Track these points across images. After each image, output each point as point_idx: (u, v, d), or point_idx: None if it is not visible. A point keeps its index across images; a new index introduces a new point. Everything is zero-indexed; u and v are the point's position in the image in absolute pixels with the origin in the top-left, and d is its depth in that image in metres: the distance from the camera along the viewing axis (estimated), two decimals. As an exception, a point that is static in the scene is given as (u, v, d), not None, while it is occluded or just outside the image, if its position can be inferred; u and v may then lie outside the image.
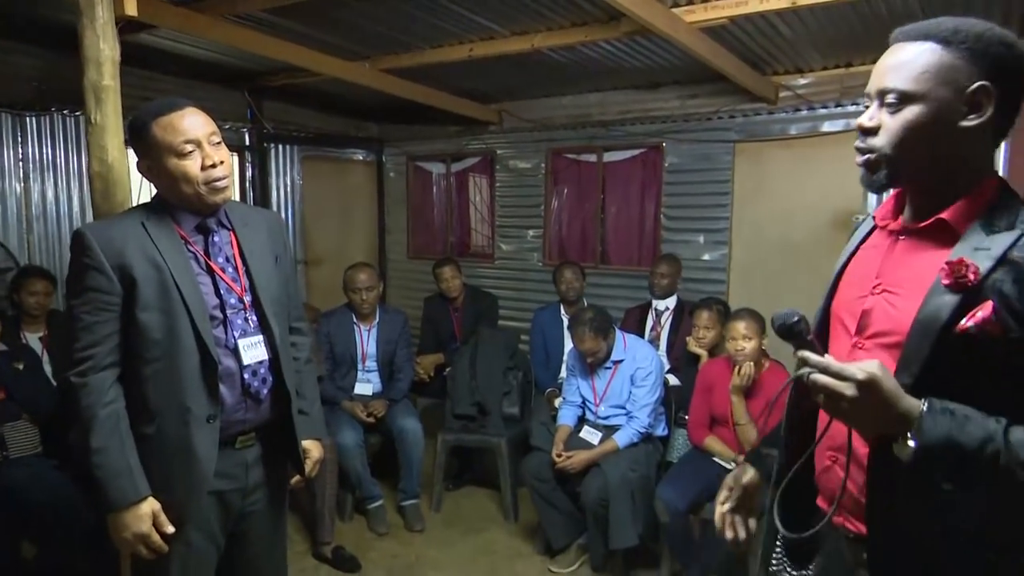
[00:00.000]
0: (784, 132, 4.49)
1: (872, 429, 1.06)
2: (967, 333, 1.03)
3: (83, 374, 1.61)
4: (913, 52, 1.09)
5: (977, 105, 1.07)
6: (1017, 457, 0.97)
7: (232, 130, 5.20)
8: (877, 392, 0.99)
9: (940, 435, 0.98)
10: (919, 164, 1.11)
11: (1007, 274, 1.03)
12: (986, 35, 1.07)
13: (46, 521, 2.62)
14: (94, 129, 2.01)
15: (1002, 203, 1.10)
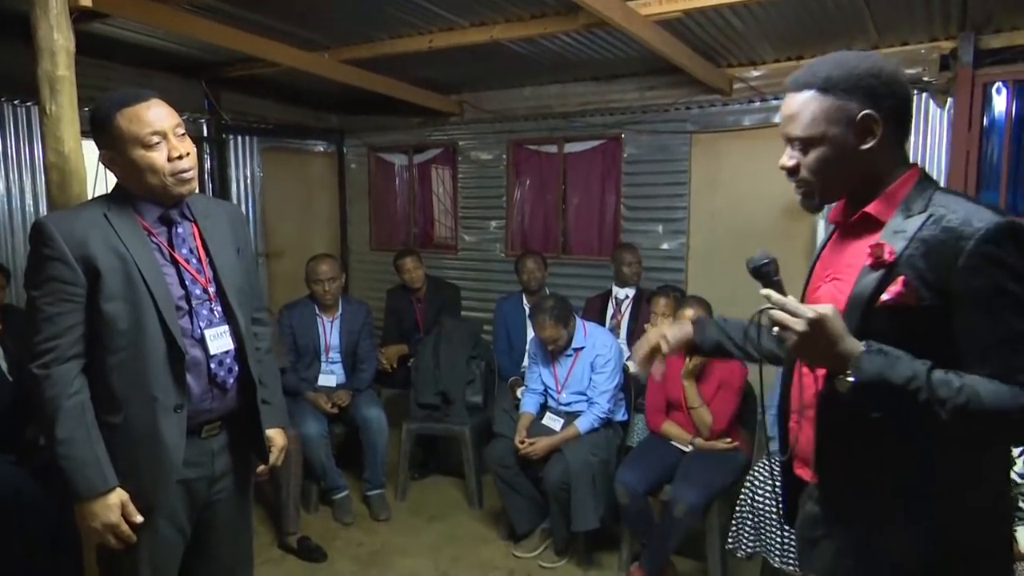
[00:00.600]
0: (738, 123, 4.59)
1: (818, 362, 1.23)
2: (887, 305, 1.20)
3: (46, 366, 1.60)
4: (801, 102, 1.28)
5: (868, 130, 1.25)
6: (935, 393, 1.12)
7: (190, 121, 5.12)
8: (823, 330, 1.15)
9: (874, 371, 1.14)
10: (839, 185, 1.31)
11: (918, 250, 1.19)
12: (854, 73, 1.24)
13: (5, 518, 2.58)
14: (49, 120, 1.99)
15: (916, 191, 1.27)
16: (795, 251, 4.46)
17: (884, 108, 1.24)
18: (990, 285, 1.14)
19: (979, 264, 1.14)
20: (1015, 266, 1.14)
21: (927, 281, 1.18)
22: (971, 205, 1.20)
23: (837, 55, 1.30)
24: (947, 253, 1.16)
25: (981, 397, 1.12)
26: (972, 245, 1.14)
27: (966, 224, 1.16)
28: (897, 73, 1.27)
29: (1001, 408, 1.12)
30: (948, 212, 1.19)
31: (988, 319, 1.15)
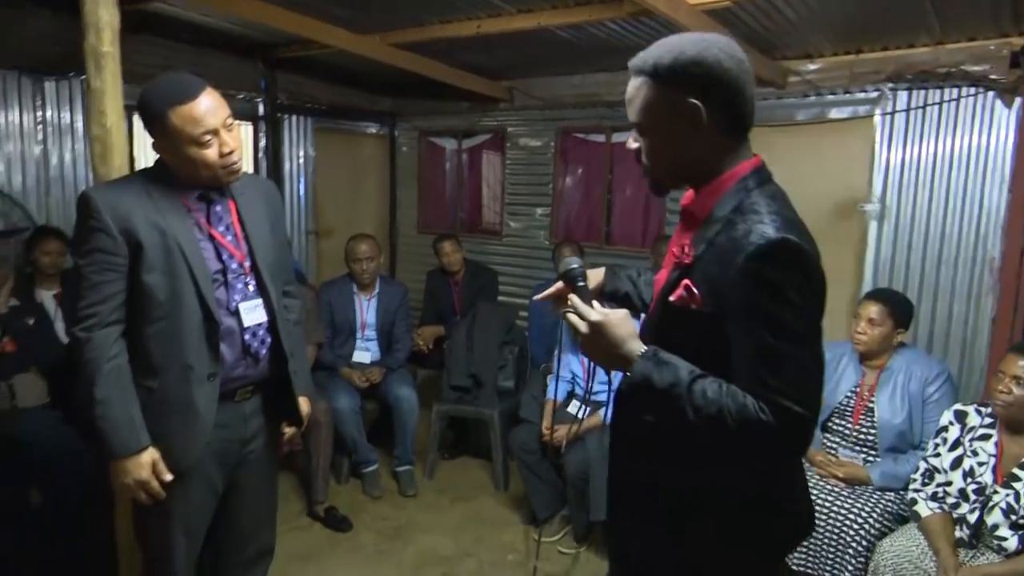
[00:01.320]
0: (790, 118, 4.47)
1: (600, 362, 1.29)
2: (675, 305, 1.25)
3: (88, 329, 1.69)
4: (634, 88, 1.28)
5: (693, 120, 1.22)
6: (691, 400, 1.16)
7: (245, 100, 5.27)
8: (603, 333, 1.24)
9: (642, 375, 1.20)
10: (669, 173, 1.31)
11: (711, 255, 1.21)
12: (679, 62, 1.21)
13: (51, 470, 2.75)
14: (93, 94, 2.08)
15: (735, 189, 1.25)
16: (846, 251, 4.34)
17: (710, 97, 1.21)
18: (750, 301, 1.14)
19: (744, 280, 1.14)
20: (776, 284, 1.13)
21: (712, 288, 1.19)
22: (764, 215, 1.17)
23: (671, 39, 1.25)
24: (727, 264, 1.17)
25: (728, 409, 1.13)
26: (741, 260, 1.14)
27: (745, 237, 1.16)
28: (728, 61, 1.22)
29: (744, 422, 1.13)
30: (740, 220, 1.19)
31: (745, 333, 1.16)
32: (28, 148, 4.44)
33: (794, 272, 1.14)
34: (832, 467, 2.70)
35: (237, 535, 2.04)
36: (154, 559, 1.91)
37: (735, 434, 1.14)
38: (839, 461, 2.74)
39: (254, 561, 2.10)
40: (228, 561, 2.06)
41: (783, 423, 1.12)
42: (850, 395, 2.82)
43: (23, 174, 4.42)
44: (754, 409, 1.13)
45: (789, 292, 1.13)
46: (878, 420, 2.72)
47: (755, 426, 1.12)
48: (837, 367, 2.89)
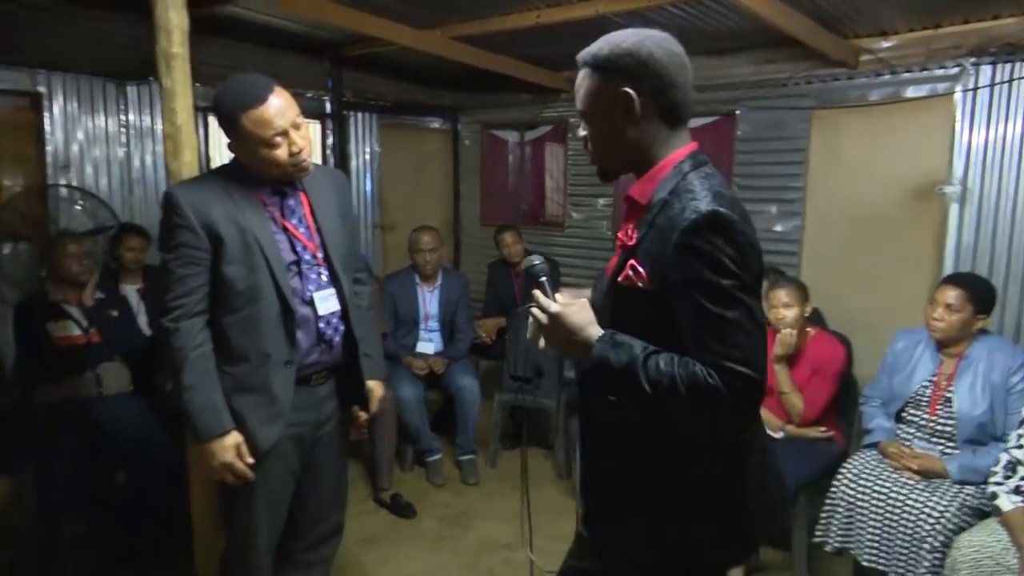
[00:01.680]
0: (864, 98, 4.29)
1: (563, 350, 1.38)
2: (623, 286, 1.32)
3: (176, 320, 1.80)
4: (579, 78, 1.39)
5: (628, 108, 1.31)
6: (646, 374, 1.23)
7: (313, 99, 5.42)
8: (563, 323, 1.32)
9: (600, 357, 1.28)
10: (612, 160, 1.40)
11: (652, 236, 1.29)
12: (614, 53, 1.31)
13: (135, 453, 2.90)
14: (165, 93, 2.18)
15: (672, 174, 1.33)
16: (924, 236, 4.14)
17: (644, 87, 1.30)
18: (689, 274, 1.22)
19: (681, 254, 1.22)
20: (711, 255, 1.20)
21: (655, 266, 1.28)
22: (698, 194, 1.25)
23: (613, 34, 1.35)
24: (666, 241, 1.25)
25: (676, 376, 1.21)
26: (676, 236, 1.22)
27: (680, 214, 1.24)
28: (659, 52, 1.30)
29: (693, 387, 1.20)
30: (677, 201, 1.27)
31: (688, 304, 1.23)
32: (113, 151, 4.68)
33: (725, 241, 1.21)
34: (906, 459, 2.60)
35: (310, 513, 2.12)
36: (239, 538, 2.01)
37: (688, 401, 1.21)
38: (913, 453, 2.63)
39: (325, 539, 2.19)
40: (301, 539, 2.14)
41: (730, 386, 1.19)
42: (927, 384, 2.71)
43: (108, 176, 4.68)
44: (702, 374, 1.20)
45: (723, 260, 1.20)
46: (956, 411, 2.59)
47: (704, 390, 1.19)
48: (912, 355, 2.77)
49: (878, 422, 2.80)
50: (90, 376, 3.04)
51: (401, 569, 2.98)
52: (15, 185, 4.41)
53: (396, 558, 3.06)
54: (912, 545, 2.40)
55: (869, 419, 2.83)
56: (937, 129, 4.02)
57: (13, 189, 4.40)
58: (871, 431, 2.80)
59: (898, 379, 2.77)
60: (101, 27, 4.38)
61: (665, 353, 1.25)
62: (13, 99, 4.33)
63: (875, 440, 2.75)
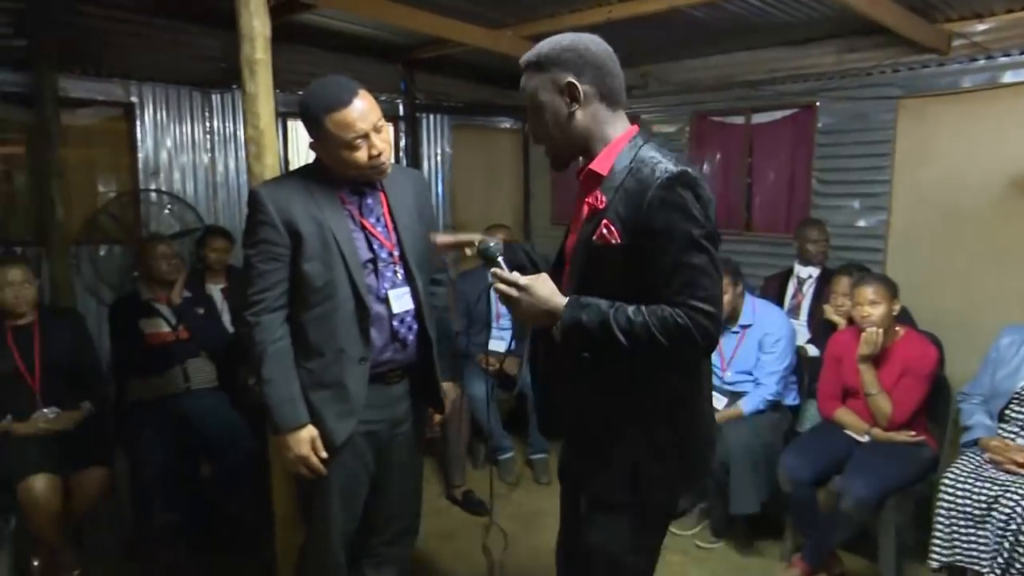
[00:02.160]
0: (956, 85, 4.07)
1: (532, 320, 1.51)
2: (597, 245, 1.46)
3: (257, 314, 1.85)
4: (525, 78, 1.55)
5: (574, 95, 1.49)
6: (618, 326, 1.39)
7: (387, 101, 5.52)
8: (532, 294, 1.46)
9: (572, 320, 1.43)
10: (561, 146, 1.57)
11: (620, 198, 1.45)
12: (555, 50, 1.49)
13: (219, 446, 3.01)
14: (248, 98, 2.25)
15: (628, 149, 1.50)
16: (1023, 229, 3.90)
17: (586, 76, 1.47)
18: (663, 224, 1.38)
19: (656, 207, 1.38)
20: (683, 207, 1.38)
21: (625, 224, 1.43)
22: (660, 159, 1.43)
23: (553, 37, 1.51)
24: (638, 199, 1.41)
25: (649, 323, 1.37)
26: (651, 192, 1.39)
27: (650, 175, 1.40)
28: (593, 46, 1.49)
29: (665, 328, 1.37)
30: (643, 166, 1.43)
31: (661, 253, 1.39)
32: (199, 157, 4.90)
33: (694, 196, 1.39)
34: (1010, 451, 2.44)
35: (385, 510, 2.15)
36: (316, 530, 2.06)
37: (661, 341, 1.37)
38: (1017, 446, 2.47)
39: (401, 536, 2.21)
40: (377, 534, 2.18)
41: (696, 322, 1.37)
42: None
43: (194, 180, 4.89)
44: (671, 317, 1.37)
45: (693, 211, 1.38)
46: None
47: (676, 329, 1.37)
48: (1019, 351, 2.62)
49: (978, 419, 2.65)
50: (178, 371, 3.18)
51: (475, 567, 2.99)
52: (109, 191, 4.66)
53: (471, 554, 3.08)
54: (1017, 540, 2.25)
55: (968, 416, 2.68)
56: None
57: (107, 195, 4.65)
58: (971, 428, 2.65)
59: (1002, 375, 2.62)
60: (188, 39, 4.58)
61: (628, 305, 1.41)
62: (108, 109, 4.57)
63: (975, 437, 2.60)
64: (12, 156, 4.39)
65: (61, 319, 3.08)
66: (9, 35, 3.97)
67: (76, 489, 2.71)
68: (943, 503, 2.45)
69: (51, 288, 4.19)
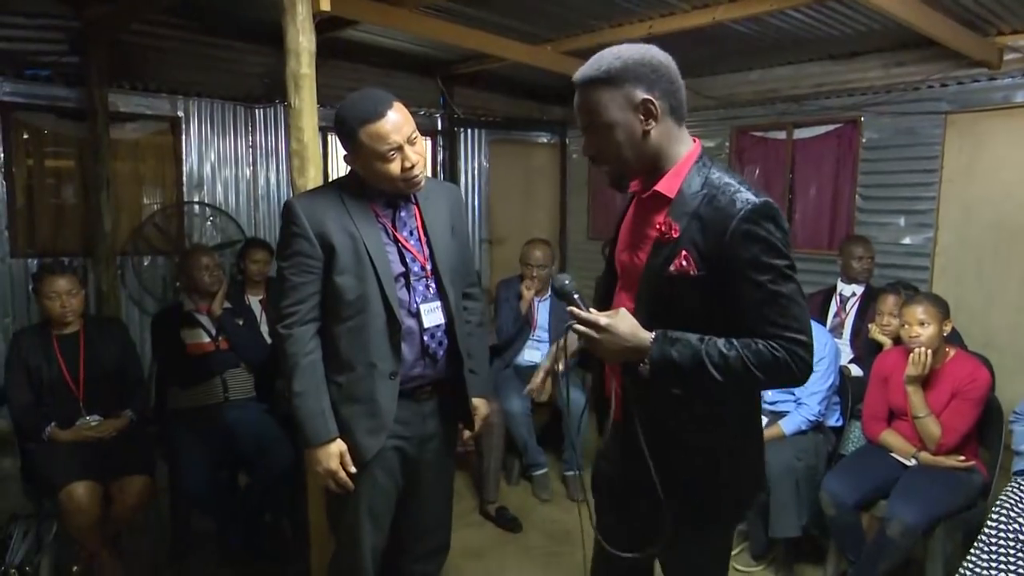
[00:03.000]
0: (1008, 100, 3.97)
1: (617, 359, 1.45)
2: (672, 276, 1.40)
3: (289, 327, 1.85)
4: (588, 95, 1.45)
5: (649, 112, 1.41)
6: (711, 360, 1.35)
7: (426, 115, 5.58)
8: (615, 332, 1.38)
9: (663, 357, 1.37)
10: (630, 165, 1.47)
11: (696, 227, 1.39)
12: (627, 65, 1.40)
13: (256, 456, 3.03)
14: (293, 112, 2.28)
15: (695, 169, 1.44)
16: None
17: (659, 91, 1.41)
18: (749, 257, 1.34)
19: (740, 240, 1.34)
20: (767, 240, 1.34)
21: (703, 254, 1.37)
22: (737, 185, 1.38)
23: (611, 49, 1.44)
24: (717, 230, 1.36)
25: (745, 357, 1.34)
26: (734, 224, 1.34)
27: (730, 205, 1.35)
28: (664, 59, 1.43)
29: (761, 362, 1.34)
30: (718, 193, 1.38)
31: (748, 285, 1.35)
32: (241, 171, 5.00)
33: (776, 226, 1.35)
34: None
35: (415, 530, 2.13)
36: (344, 543, 2.04)
37: (757, 376, 1.35)
38: None
39: (431, 554, 2.19)
40: (407, 552, 2.16)
41: (792, 353, 1.35)
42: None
43: (236, 193, 4.99)
44: (767, 350, 1.34)
45: (777, 243, 1.35)
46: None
47: (774, 363, 1.34)
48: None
49: None
50: (217, 382, 3.21)
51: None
52: (154, 203, 4.78)
53: (503, 573, 3.05)
54: None
55: (1021, 440, 2.57)
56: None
57: (153, 207, 4.76)
58: (1022, 453, 2.54)
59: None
60: (234, 56, 4.69)
61: (717, 339, 1.37)
62: (155, 124, 4.70)
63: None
64: (63, 169, 4.53)
65: (106, 328, 3.13)
66: (63, 52, 4.10)
67: (117, 496, 2.75)
68: (986, 532, 2.34)
69: (97, 298, 4.30)
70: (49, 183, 4.48)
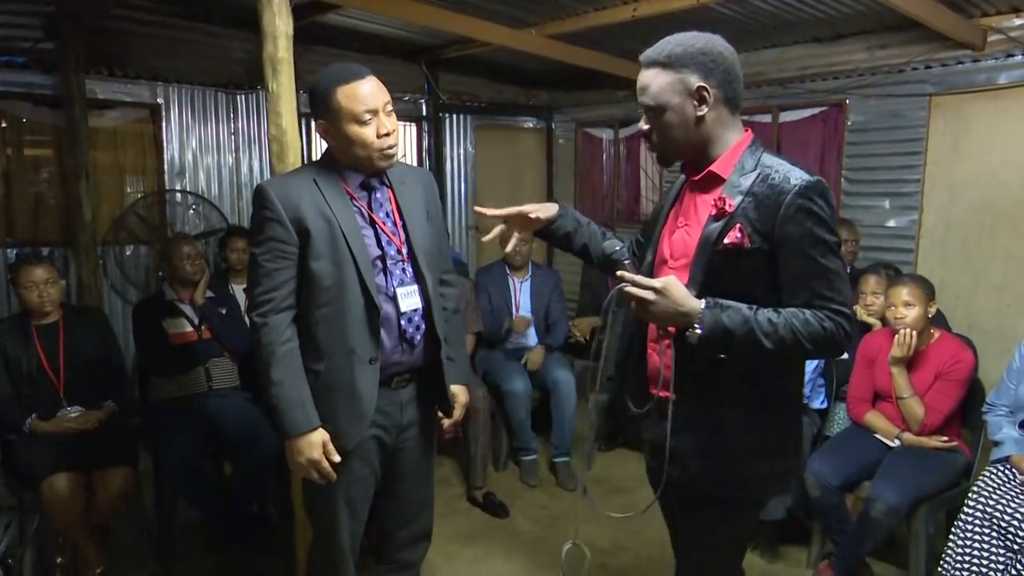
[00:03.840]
0: (992, 82, 3.96)
1: (669, 323, 1.47)
2: (726, 248, 1.47)
3: (264, 315, 1.79)
4: (650, 76, 1.52)
5: (703, 99, 1.48)
6: (761, 329, 1.42)
7: (410, 101, 5.53)
8: (668, 296, 1.43)
9: (715, 321, 1.42)
10: (680, 147, 1.55)
11: (750, 203, 1.46)
12: (689, 52, 1.47)
13: (241, 445, 3.01)
14: (271, 97, 2.24)
15: (748, 152, 1.52)
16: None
17: (715, 80, 1.47)
18: (803, 231, 1.41)
19: (795, 214, 1.41)
20: (820, 215, 1.41)
21: (757, 228, 1.45)
22: (790, 165, 1.46)
23: (678, 36, 1.50)
24: (771, 205, 1.43)
25: (795, 326, 1.41)
26: (788, 199, 1.41)
27: (785, 181, 1.43)
28: (725, 51, 1.49)
29: (810, 332, 1.41)
30: (772, 171, 1.46)
31: (801, 259, 1.42)
32: (223, 158, 4.94)
33: (827, 203, 1.43)
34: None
35: (396, 518, 2.11)
36: (322, 532, 2.02)
37: (805, 345, 1.42)
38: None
39: (411, 543, 2.17)
40: (389, 543, 2.15)
41: (838, 326, 1.42)
42: (1061, 392, 2.45)
43: (219, 181, 4.93)
44: (815, 319, 1.42)
45: (827, 218, 1.42)
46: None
47: (822, 333, 1.41)
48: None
49: (1007, 432, 2.55)
50: (201, 371, 3.18)
51: (496, 570, 2.96)
52: (135, 192, 4.72)
53: (490, 558, 3.05)
54: None
55: (996, 429, 2.59)
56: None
57: (134, 196, 4.70)
58: (1000, 444, 2.56)
59: (1022, 387, 2.54)
60: (214, 41, 4.62)
61: (763, 309, 1.43)
62: (135, 111, 4.63)
63: (1006, 453, 2.51)
64: (41, 158, 4.46)
65: (86, 318, 3.10)
66: (39, 38, 4.03)
67: (99, 488, 2.72)
68: (964, 515, 2.38)
69: (78, 288, 4.25)
70: (28, 172, 4.41)
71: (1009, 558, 2.28)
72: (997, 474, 2.45)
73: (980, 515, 2.35)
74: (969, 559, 2.34)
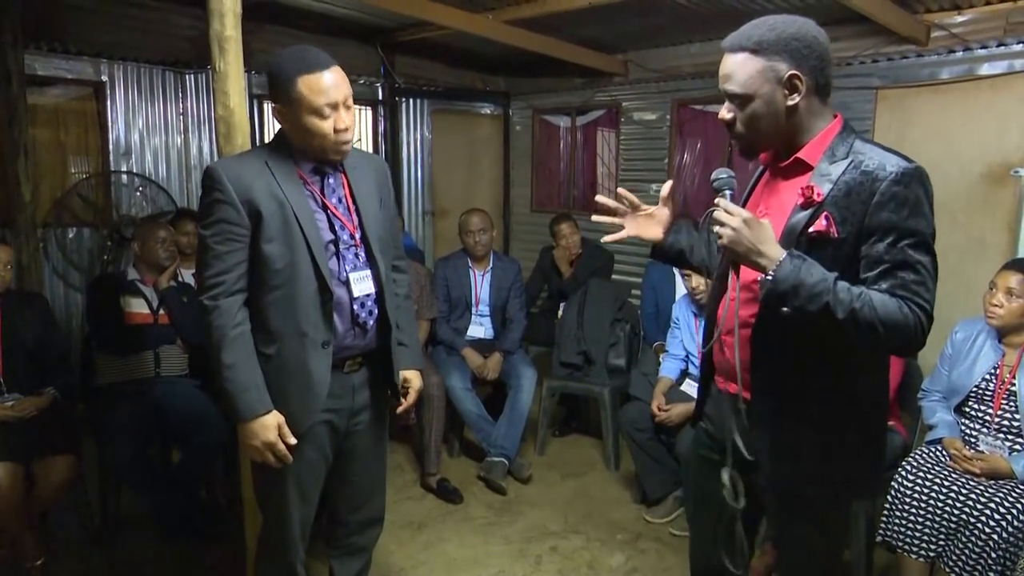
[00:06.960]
0: (934, 76, 4.09)
1: (742, 257, 1.41)
2: (811, 237, 1.42)
3: (215, 298, 1.76)
4: (736, 63, 1.45)
5: (794, 87, 1.43)
6: (837, 296, 1.34)
7: (365, 84, 5.45)
8: (753, 229, 1.38)
9: (790, 271, 1.36)
10: (768, 137, 1.50)
11: (840, 191, 1.41)
12: (782, 37, 1.42)
13: (189, 432, 2.96)
14: (218, 77, 2.18)
15: (839, 139, 1.47)
16: (995, 220, 3.94)
17: (807, 67, 1.42)
18: (896, 219, 1.36)
19: (888, 201, 1.36)
20: (915, 201, 1.36)
21: (845, 217, 1.40)
22: (884, 152, 1.41)
23: (767, 19, 1.46)
24: (864, 192, 1.38)
25: (874, 304, 1.34)
26: (884, 186, 1.36)
27: (880, 168, 1.38)
28: (819, 35, 1.44)
29: (887, 315, 1.34)
30: (866, 158, 1.41)
31: (891, 247, 1.37)
32: (172, 139, 4.80)
33: (925, 191, 1.37)
34: (967, 463, 2.45)
35: (348, 503, 2.11)
36: (272, 518, 2.01)
37: (877, 326, 1.34)
38: (976, 455, 2.48)
39: (364, 527, 2.18)
40: (340, 527, 2.15)
41: (918, 319, 1.35)
42: (989, 378, 2.54)
43: (167, 162, 4.80)
44: (898, 306, 1.35)
45: (924, 207, 1.37)
46: (1022, 405, 2.44)
47: (901, 321, 1.34)
48: (973, 346, 2.62)
49: (940, 416, 2.66)
50: (150, 355, 3.11)
51: (448, 555, 2.97)
52: (79, 173, 4.56)
53: (443, 543, 3.06)
54: (982, 550, 2.27)
55: (931, 414, 2.69)
56: (1015, 108, 3.80)
57: (77, 177, 4.54)
58: (934, 427, 2.66)
59: (958, 372, 2.63)
60: (161, 17, 4.48)
61: (846, 282, 1.36)
62: (77, 88, 4.46)
63: (939, 436, 2.61)
64: (-23, 135, 4.27)
65: (25, 303, 3.00)
66: (-28, 10, 3.85)
67: (40, 477, 2.65)
68: (901, 490, 2.49)
69: (17, 271, 4.10)
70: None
71: (935, 530, 2.39)
72: (929, 455, 2.55)
73: (912, 489, 2.46)
74: (902, 530, 2.45)
